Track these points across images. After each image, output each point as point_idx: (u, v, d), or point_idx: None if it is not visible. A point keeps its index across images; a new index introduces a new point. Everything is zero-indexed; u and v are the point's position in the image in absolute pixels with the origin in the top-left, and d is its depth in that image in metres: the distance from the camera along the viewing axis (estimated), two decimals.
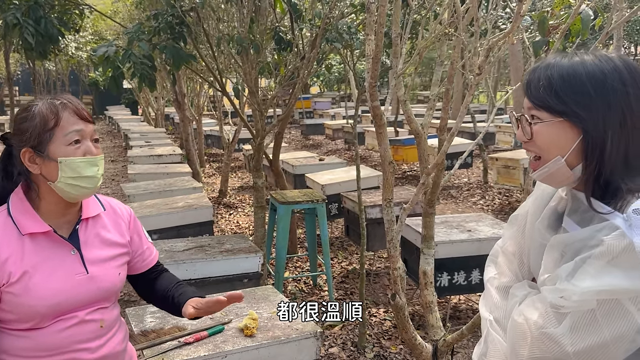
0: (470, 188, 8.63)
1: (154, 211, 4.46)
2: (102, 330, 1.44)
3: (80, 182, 1.33)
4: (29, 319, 1.32)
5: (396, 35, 2.19)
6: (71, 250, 1.38)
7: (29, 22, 3.85)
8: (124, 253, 1.51)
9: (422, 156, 2.22)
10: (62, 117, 1.32)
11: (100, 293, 1.42)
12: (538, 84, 1.07)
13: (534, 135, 1.09)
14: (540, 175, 1.12)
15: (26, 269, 1.31)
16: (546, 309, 1.03)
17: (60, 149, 1.31)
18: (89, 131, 1.36)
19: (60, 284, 1.34)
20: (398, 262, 2.03)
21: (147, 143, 9.50)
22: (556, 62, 1.08)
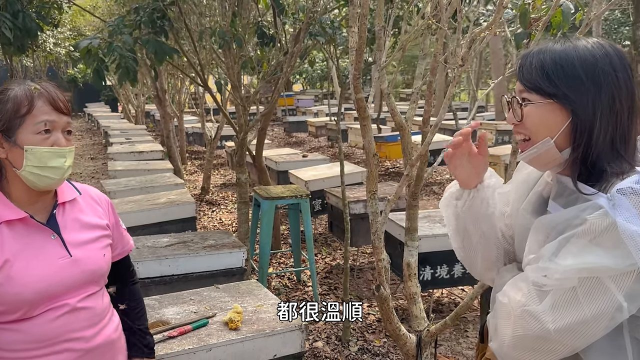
0: None
1: (135, 207, 4.41)
2: (95, 317, 1.41)
3: (45, 172, 1.31)
4: (16, 309, 1.29)
5: (379, 28, 2.19)
6: (51, 235, 1.36)
7: (6, 15, 3.77)
8: (106, 235, 1.49)
9: (406, 149, 2.24)
10: (35, 105, 1.30)
11: (86, 276, 1.40)
12: (530, 67, 1.09)
13: (524, 117, 1.11)
14: (528, 156, 1.13)
15: (7, 258, 1.28)
16: (529, 288, 1.05)
17: (28, 137, 1.29)
18: (62, 123, 1.34)
19: (44, 269, 1.32)
20: (382, 253, 2.04)
21: (128, 140, 9.40)
22: (549, 47, 1.10)
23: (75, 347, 1.36)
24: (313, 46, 4.43)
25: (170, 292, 2.82)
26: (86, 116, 20.40)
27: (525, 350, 1.06)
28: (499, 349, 1.12)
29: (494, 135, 10.91)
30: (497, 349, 1.13)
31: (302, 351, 2.37)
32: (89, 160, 11.67)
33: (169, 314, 2.41)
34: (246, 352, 2.22)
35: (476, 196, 1.32)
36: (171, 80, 10.08)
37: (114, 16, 9.03)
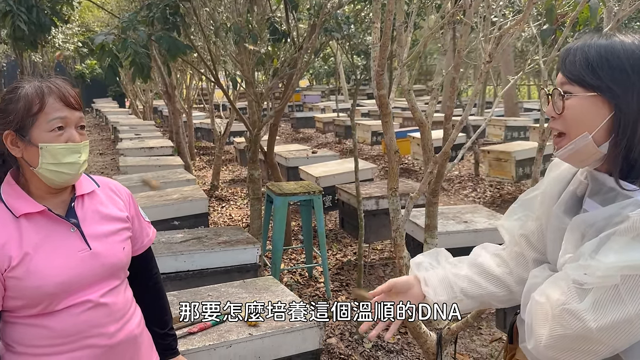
0: (461, 181, 8.68)
1: (148, 203, 4.42)
2: (118, 313, 1.41)
3: (61, 169, 1.31)
4: (36, 303, 1.29)
5: (400, 24, 2.18)
6: (70, 228, 1.35)
7: (21, 9, 3.77)
8: (126, 228, 1.48)
9: (426, 146, 2.22)
10: (46, 102, 1.29)
11: (107, 269, 1.39)
12: (574, 59, 1.08)
13: (565, 110, 1.09)
14: (564, 153, 1.11)
15: (27, 251, 1.28)
16: (568, 286, 1.02)
17: (42, 135, 1.29)
18: (74, 118, 1.33)
19: (64, 262, 1.31)
20: (404, 251, 2.03)
21: (137, 136, 9.42)
22: (593, 41, 1.08)
23: (98, 343, 1.36)
24: (327, 42, 4.41)
25: (185, 288, 2.83)
26: (94, 112, 20.46)
27: (563, 350, 1.04)
28: (535, 348, 1.11)
29: (503, 131, 10.85)
30: (533, 349, 1.12)
31: (320, 348, 2.37)
32: (97, 156, 11.71)
33: None
34: (265, 349, 2.22)
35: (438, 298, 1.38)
36: (180, 76, 10.08)
37: (122, 12, 9.03)
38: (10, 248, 1.27)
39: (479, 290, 1.37)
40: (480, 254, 1.47)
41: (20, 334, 1.32)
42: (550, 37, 1.78)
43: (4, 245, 1.27)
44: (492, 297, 1.37)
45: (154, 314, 1.63)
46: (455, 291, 1.37)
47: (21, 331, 1.32)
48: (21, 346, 1.32)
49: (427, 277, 1.41)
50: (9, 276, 1.27)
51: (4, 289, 1.28)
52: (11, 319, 1.32)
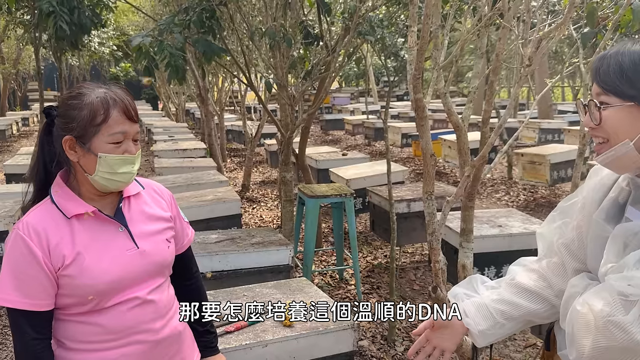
0: (494, 184, 8.56)
1: (183, 204, 4.51)
2: (163, 309, 1.46)
3: (116, 177, 1.35)
4: (87, 301, 1.34)
5: (437, 27, 2.18)
6: (119, 228, 1.40)
7: (64, 10, 3.90)
8: (170, 227, 1.52)
9: (463, 149, 2.21)
10: (111, 114, 1.32)
11: (154, 267, 1.44)
12: (608, 69, 1.07)
13: (603, 121, 1.08)
14: (605, 159, 1.11)
15: (79, 250, 1.33)
16: (613, 297, 1.01)
17: (103, 146, 1.33)
18: (133, 131, 1.37)
19: (114, 261, 1.36)
20: (439, 254, 2.03)
21: (171, 138, 9.59)
22: (627, 49, 1.07)
23: (145, 339, 1.41)
24: (360, 45, 4.42)
25: (220, 287, 2.88)
26: None
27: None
28: (577, 358, 1.10)
29: (537, 134, 10.66)
30: (575, 359, 1.11)
31: (353, 350, 2.38)
32: None
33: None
34: (300, 349, 2.24)
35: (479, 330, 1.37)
36: (213, 78, 10.23)
37: (158, 15, 9.22)
38: (64, 247, 1.32)
39: (519, 311, 1.36)
40: (516, 272, 1.45)
41: (71, 331, 1.37)
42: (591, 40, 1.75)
43: (57, 245, 1.32)
44: (534, 315, 1.36)
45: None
46: (495, 317, 1.36)
47: (72, 328, 1.37)
48: (72, 342, 1.37)
49: (465, 308, 1.40)
50: (62, 274, 1.32)
51: (57, 287, 1.33)
52: (63, 316, 1.37)
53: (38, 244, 1.30)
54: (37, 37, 6.43)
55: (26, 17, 6.93)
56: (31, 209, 1.38)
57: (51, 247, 1.31)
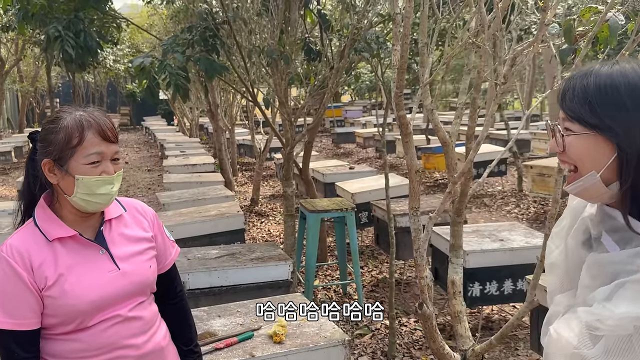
0: (504, 196, 8.49)
1: (187, 219, 4.56)
2: (145, 326, 1.49)
3: (94, 199, 1.38)
4: (71, 320, 1.37)
5: (423, 44, 2.20)
6: (99, 251, 1.44)
7: (69, 34, 4.01)
8: (151, 247, 1.55)
9: (450, 165, 2.22)
10: (85, 136, 1.35)
11: (135, 287, 1.47)
12: (573, 93, 1.02)
13: (566, 148, 1.04)
14: (573, 189, 1.07)
15: (61, 272, 1.36)
16: (581, 330, 1.01)
17: (79, 168, 1.35)
18: (110, 152, 1.39)
19: (95, 282, 1.40)
20: (425, 271, 2.03)
21: (182, 153, 9.71)
22: (594, 71, 1.02)
23: (128, 354, 1.44)
24: (358, 61, 4.46)
25: (218, 303, 2.90)
26: (143, 129, 21.22)
27: None
28: None
29: (548, 145, 10.56)
30: None
31: None
32: (145, 172, 12.13)
33: (217, 325, 2.48)
34: None
35: None
36: (223, 94, 10.36)
37: (169, 33, 9.39)
38: (46, 269, 1.36)
39: None
40: None
41: (56, 349, 1.41)
42: (570, 56, 1.76)
43: (40, 266, 1.36)
44: None
45: (179, 330, 1.69)
46: None
47: (57, 346, 1.41)
48: (57, 358, 1.41)
49: None
50: (45, 295, 1.36)
51: (43, 306, 1.37)
52: (49, 335, 1.41)
53: (22, 264, 1.34)
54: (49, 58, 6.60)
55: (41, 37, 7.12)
56: (15, 232, 1.42)
57: (34, 267, 1.35)
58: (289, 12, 4.17)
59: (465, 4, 2.11)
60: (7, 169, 12.78)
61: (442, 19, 2.32)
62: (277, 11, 3.98)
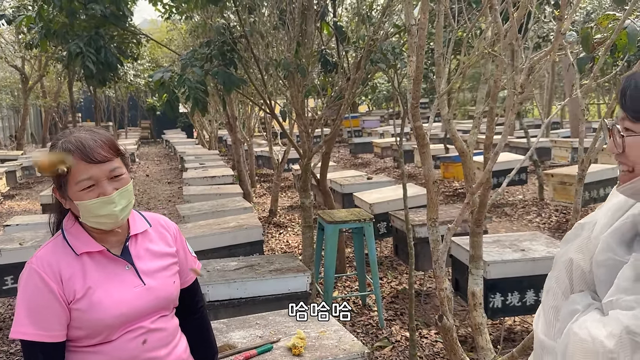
0: (525, 205, 8.38)
1: (206, 231, 4.59)
2: (168, 338, 1.51)
3: (100, 220, 1.40)
4: (97, 333, 1.39)
5: (438, 55, 2.20)
6: (125, 266, 1.46)
7: (91, 51, 4.10)
8: (174, 262, 1.57)
9: (468, 175, 2.21)
10: (71, 165, 1.35)
11: (159, 302, 1.49)
12: (636, 93, 0.99)
13: (627, 149, 1.01)
14: (627, 190, 1.04)
15: (89, 285, 1.39)
16: (621, 334, 0.93)
17: (75, 194, 1.37)
18: (103, 173, 1.37)
19: (121, 296, 1.42)
20: (444, 282, 2.02)
21: (202, 165, 9.81)
22: None
23: None
24: (375, 72, 4.47)
25: (237, 315, 2.90)
26: (164, 142, 21.50)
27: None
28: None
29: (569, 153, 10.42)
30: None
31: None
32: (165, 185, 12.27)
33: (236, 337, 2.48)
34: None
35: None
36: (241, 107, 10.46)
37: (188, 48, 9.53)
38: (75, 282, 1.38)
39: None
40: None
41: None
42: (588, 64, 1.74)
43: (69, 279, 1.38)
44: None
45: (200, 346, 1.70)
46: None
47: (83, 358, 1.43)
48: None
49: None
50: (73, 308, 1.38)
51: (70, 318, 1.39)
52: (73, 348, 1.43)
53: (52, 276, 1.36)
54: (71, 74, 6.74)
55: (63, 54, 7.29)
56: (43, 245, 1.45)
57: (64, 280, 1.37)
58: (305, 25, 4.21)
59: (482, 13, 2.10)
60: (30, 183, 13.04)
61: (457, 29, 2.32)
62: (294, 24, 4.02)
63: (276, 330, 2.53)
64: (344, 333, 2.48)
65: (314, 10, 4.16)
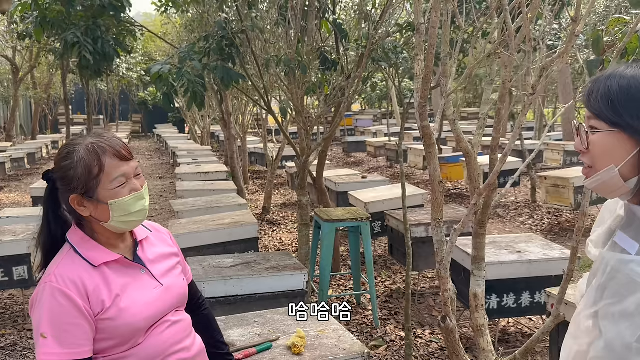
0: (518, 207, 8.42)
1: (202, 227, 4.55)
2: (188, 328, 1.54)
3: (131, 218, 1.41)
4: (127, 340, 1.39)
5: (445, 54, 2.19)
6: (140, 270, 1.47)
7: (88, 41, 4.05)
8: (179, 262, 1.61)
9: (472, 176, 2.20)
10: (105, 163, 1.36)
11: (178, 299, 1.53)
12: (598, 93, 1.06)
13: (590, 145, 1.08)
14: (591, 184, 1.10)
15: (117, 293, 1.38)
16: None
17: (109, 193, 1.36)
18: (132, 169, 1.41)
19: (145, 299, 1.43)
20: (449, 283, 2.00)
21: (194, 160, 9.74)
22: (618, 73, 1.06)
23: (183, 357, 1.47)
24: (375, 70, 4.45)
25: (234, 312, 2.88)
26: (155, 137, 21.35)
27: None
28: None
29: (561, 156, 10.48)
30: None
31: None
32: (157, 180, 12.17)
33: (234, 335, 2.45)
34: None
35: None
36: (235, 102, 10.40)
37: (183, 42, 9.46)
38: (101, 293, 1.37)
39: None
40: None
41: None
42: (598, 67, 1.74)
43: (94, 291, 1.36)
44: None
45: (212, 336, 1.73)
46: None
47: None
48: None
49: None
50: (102, 318, 1.36)
51: (96, 331, 1.36)
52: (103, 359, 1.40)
53: (77, 292, 1.33)
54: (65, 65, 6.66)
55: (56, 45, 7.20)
56: (54, 261, 1.40)
57: (89, 293, 1.35)
58: (306, 22, 4.18)
59: (490, 15, 2.09)
60: (20, 175, 12.89)
61: (464, 30, 2.31)
62: (296, 20, 3.99)
63: (275, 329, 2.51)
64: (343, 332, 2.46)
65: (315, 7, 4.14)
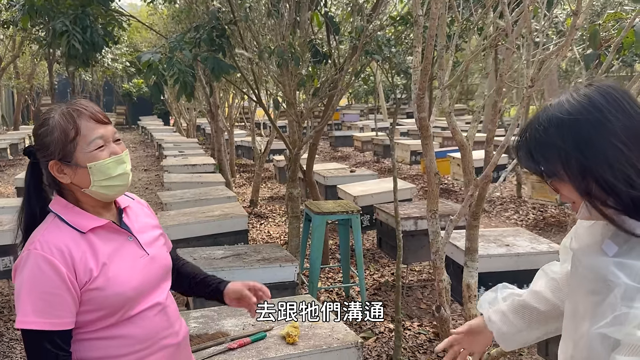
0: (503, 202, 8.51)
1: (191, 219, 4.54)
2: (176, 312, 1.52)
3: (113, 182, 1.37)
4: (117, 310, 1.34)
5: (442, 47, 2.20)
6: (128, 237, 1.43)
7: (77, 29, 3.98)
8: (162, 234, 1.59)
9: (467, 169, 2.22)
10: (80, 125, 1.34)
11: (163, 271, 1.50)
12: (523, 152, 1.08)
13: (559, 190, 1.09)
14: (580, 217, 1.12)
15: (103, 261, 1.34)
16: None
17: (87, 156, 1.34)
18: (110, 133, 1.38)
19: (133, 267, 1.39)
20: (443, 274, 2.02)
21: (181, 153, 9.67)
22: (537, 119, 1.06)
23: (171, 343, 1.45)
24: (368, 63, 4.46)
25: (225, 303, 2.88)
26: (140, 129, 21.13)
27: None
28: None
29: None
30: None
31: None
32: (142, 172, 12.06)
33: (228, 325, 2.46)
34: None
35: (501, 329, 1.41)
36: (223, 95, 10.33)
37: (170, 33, 9.35)
38: (89, 261, 1.33)
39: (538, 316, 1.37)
40: (539, 277, 1.45)
41: (99, 349, 1.36)
42: (594, 61, 1.76)
43: (81, 260, 1.32)
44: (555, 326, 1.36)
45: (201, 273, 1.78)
46: (514, 323, 1.39)
47: (100, 346, 1.36)
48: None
49: (490, 315, 1.44)
50: (90, 288, 1.31)
51: (80, 304, 1.32)
52: (86, 334, 1.35)
53: (62, 260, 1.29)
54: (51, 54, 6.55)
55: (41, 34, 7.06)
56: (38, 229, 1.36)
57: (75, 262, 1.31)
58: (299, 14, 4.17)
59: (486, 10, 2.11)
60: (2, 166, 12.68)
61: (461, 22, 2.32)
62: (290, 12, 3.98)
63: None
64: (336, 323, 2.48)
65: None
